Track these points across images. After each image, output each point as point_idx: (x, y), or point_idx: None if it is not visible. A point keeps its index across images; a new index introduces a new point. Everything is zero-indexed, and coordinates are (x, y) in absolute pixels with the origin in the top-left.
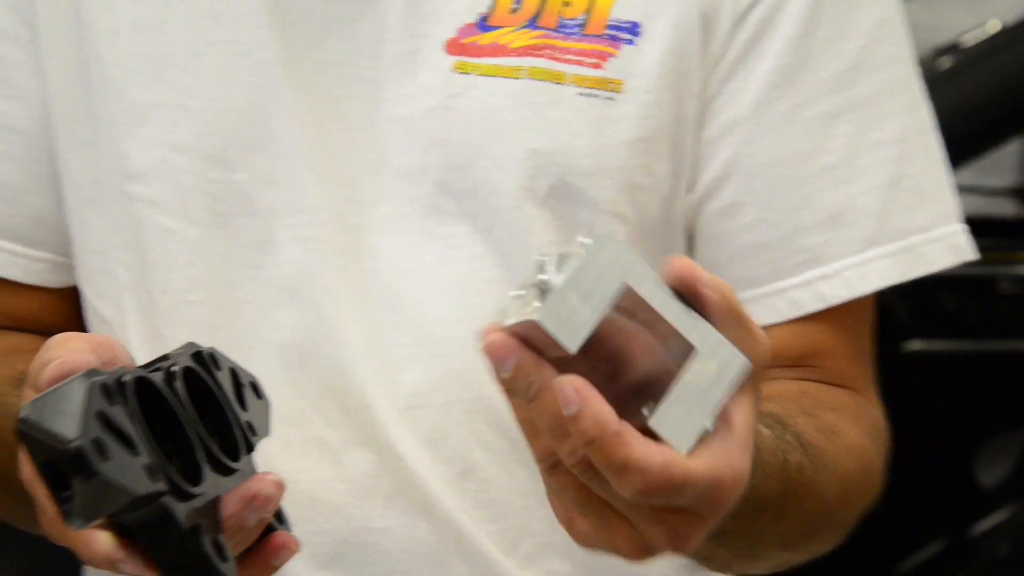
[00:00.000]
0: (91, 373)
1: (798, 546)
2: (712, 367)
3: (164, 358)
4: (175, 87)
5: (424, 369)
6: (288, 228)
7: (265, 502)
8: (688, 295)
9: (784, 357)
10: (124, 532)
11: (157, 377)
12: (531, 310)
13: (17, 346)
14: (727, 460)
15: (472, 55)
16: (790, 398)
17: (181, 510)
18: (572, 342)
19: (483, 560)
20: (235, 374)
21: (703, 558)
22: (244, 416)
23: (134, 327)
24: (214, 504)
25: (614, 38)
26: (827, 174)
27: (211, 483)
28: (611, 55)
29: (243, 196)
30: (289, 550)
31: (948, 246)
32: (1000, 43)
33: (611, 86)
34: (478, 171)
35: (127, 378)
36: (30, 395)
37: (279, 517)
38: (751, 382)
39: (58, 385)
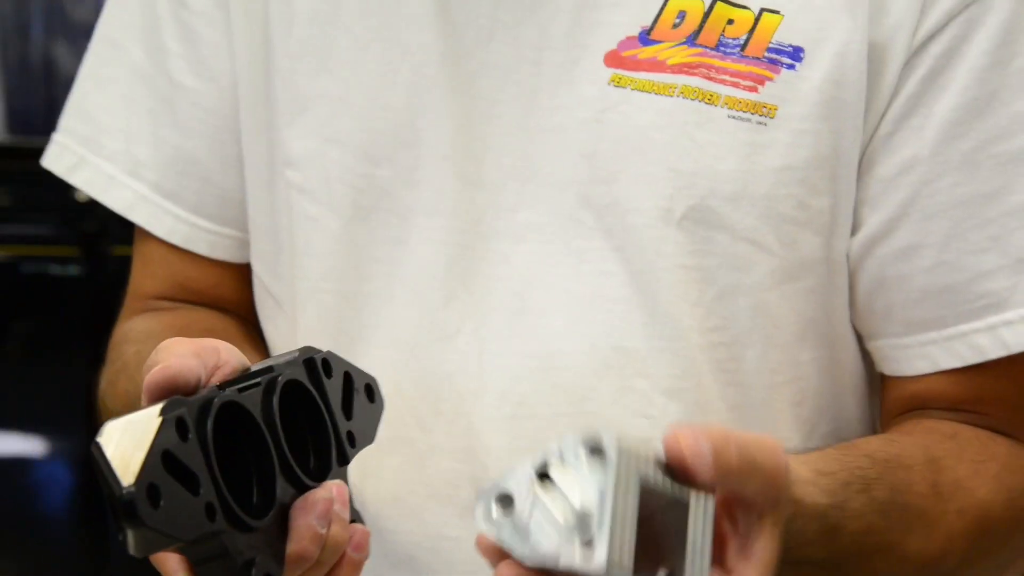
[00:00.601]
0: (175, 403)
1: None
2: (699, 517)
3: (270, 368)
4: (338, 80)
5: (537, 380)
6: (422, 228)
7: (327, 507)
8: (677, 468)
9: (945, 400)
10: (189, 559)
11: (251, 397)
12: (594, 567)
13: (191, 322)
14: None
15: (630, 68)
16: (926, 441)
17: (239, 543)
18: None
19: None
20: (348, 378)
21: None
22: (346, 426)
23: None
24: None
25: (774, 62)
26: (1015, 215)
27: (287, 495)
28: (769, 79)
29: (385, 192)
30: (367, 535)
31: None
32: None
33: (765, 111)
34: (619, 187)
35: (217, 401)
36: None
37: (356, 517)
38: (771, 509)
39: (137, 414)
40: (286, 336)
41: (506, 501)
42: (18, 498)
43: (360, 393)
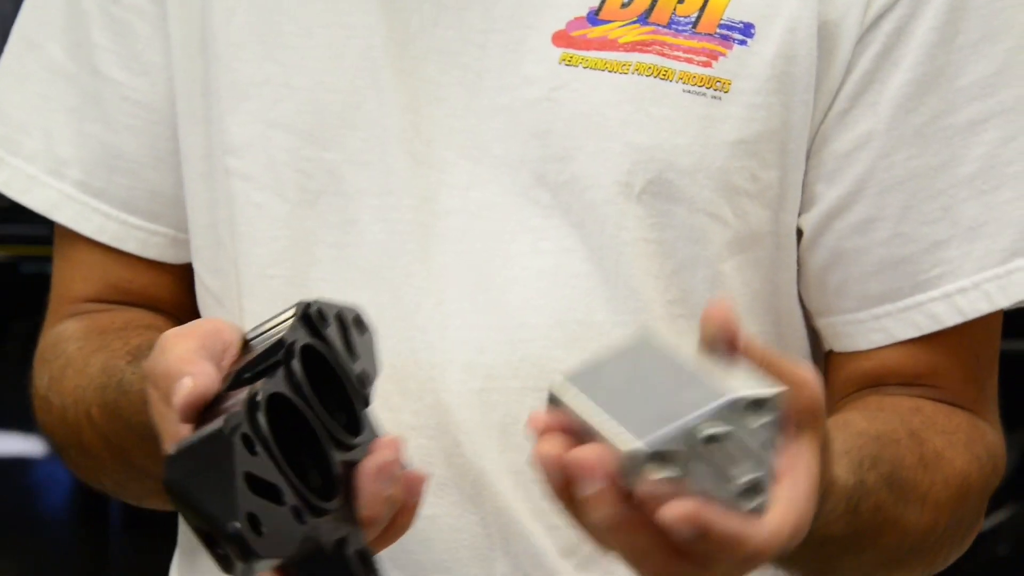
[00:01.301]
0: (231, 419)
1: (880, 574)
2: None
3: (274, 327)
4: (282, 65)
5: (503, 352)
6: (373, 209)
7: (391, 468)
8: (724, 342)
9: (900, 375)
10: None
11: (277, 377)
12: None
13: (129, 320)
14: (794, 512)
15: (580, 48)
16: (900, 416)
17: (323, 529)
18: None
19: (532, 558)
20: (341, 320)
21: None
22: (356, 368)
23: (236, 302)
24: (347, 480)
25: (726, 38)
26: (967, 185)
27: (339, 463)
28: (722, 55)
29: (333, 175)
30: (421, 480)
31: None
32: None
33: (719, 85)
34: (575, 164)
35: (260, 397)
36: (153, 395)
37: None
38: (812, 424)
39: (199, 438)
40: None
41: (660, 458)
42: (18, 498)
43: (352, 328)
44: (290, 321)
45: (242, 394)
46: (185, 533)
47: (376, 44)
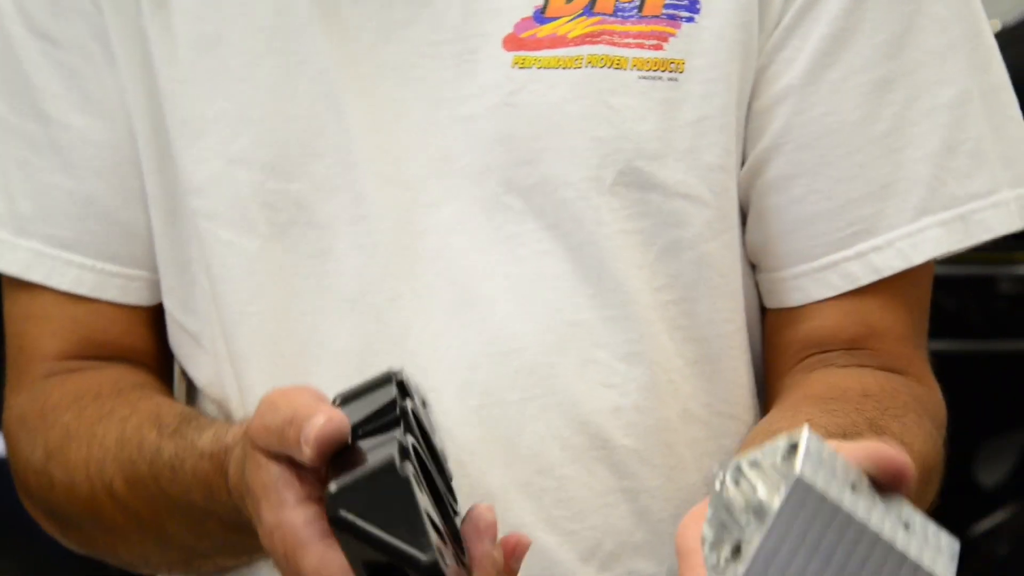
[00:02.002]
0: (403, 454)
1: None
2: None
3: (366, 392)
4: (233, 100)
5: (497, 366)
6: (348, 236)
7: (494, 531)
8: (892, 483)
9: (840, 339)
10: None
11: (406, 437)
12: None
13: (118, 381)
14: None
15: (531, 49)
16: (854, 405)
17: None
18: None
19: (551, 568)
20: (421, 394)
21: None
22: (438, 443)
23: (218, 341)
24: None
25: (673, 17)
26: (878, 143)
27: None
28: (671, 35)
29: (301, 206)
30: (524, 545)
31: (1008, 211)
32: (1000, 43)
33: (673, 67)
34: (543, 165)
35: (408, 444)
36: (257, 458)
37: None
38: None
39: (367, 473)
40: (211, 372)
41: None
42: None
43: (428, 406)
44: (386, 387)
45: (371, 445)
46: None
47: (328, 68)
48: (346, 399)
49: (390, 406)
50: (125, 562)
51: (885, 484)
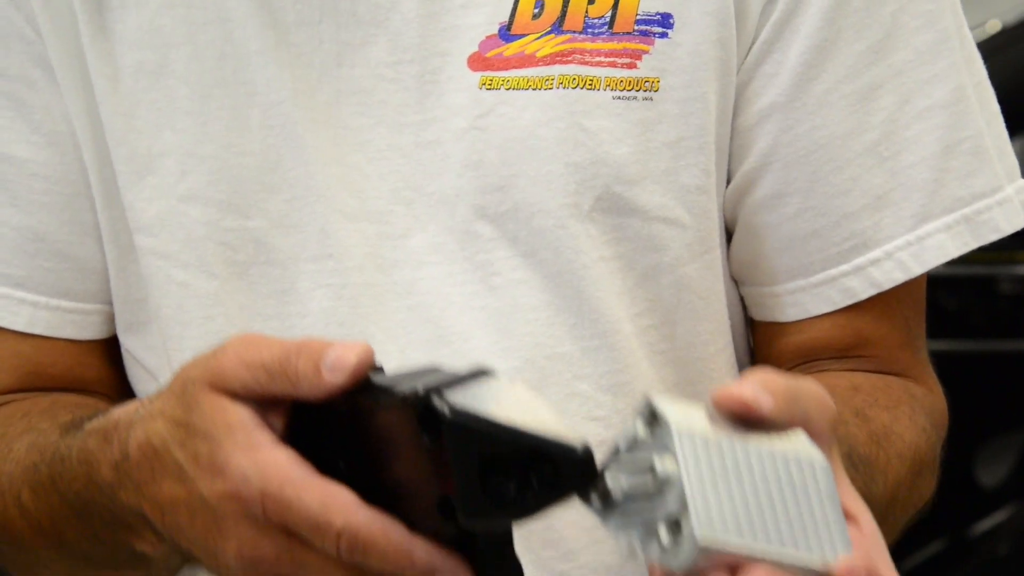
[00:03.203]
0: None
1: None
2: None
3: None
4: (181, 133)
5: None
6: (311, 275)
7: None
8: (751, 419)
9: (833, 348)
10: (457, 543)
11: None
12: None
13: (55, 400)
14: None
15: (498, 68)
16: (840, 397)
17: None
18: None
19: None
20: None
21: None
22: None
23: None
24: None
25: (645, 33)
26: (870, 153)
27: None
28: (644, 52)
29: (260, 244)
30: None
31: (1013, 208)
32: (1000, 43)
33: (648, 85)
34: (517, 191)
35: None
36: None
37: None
38: (833, 438)
39: (454, 376)
40: None
41: (608, 502)
42: None
43: None
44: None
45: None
46: None
47: (283, 98)
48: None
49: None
50: None
51: (742, 418)
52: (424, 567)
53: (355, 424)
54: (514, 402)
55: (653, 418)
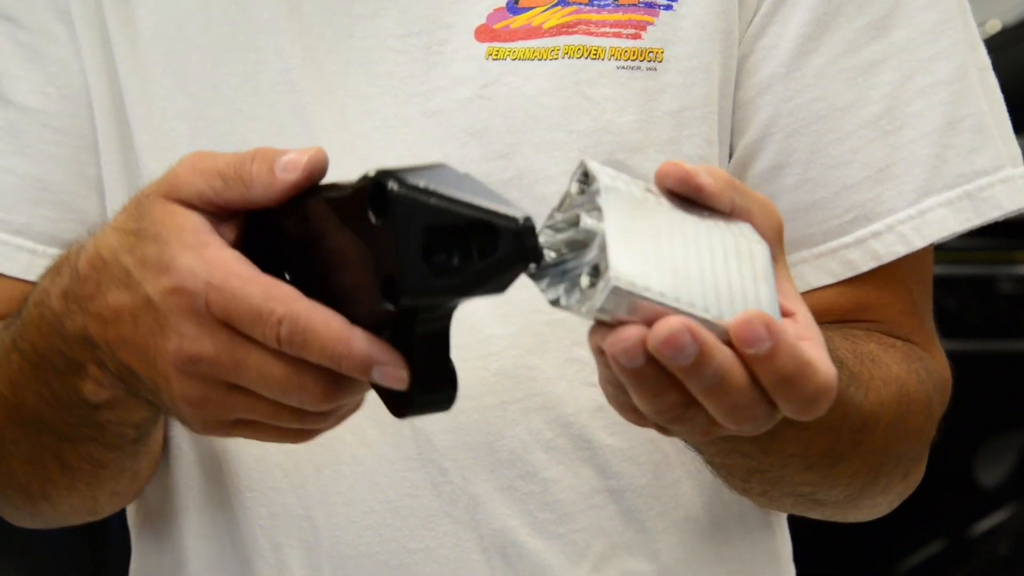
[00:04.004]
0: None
1: (822, 468)
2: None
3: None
4: (194, 98)
5: (475, 369)
6: None
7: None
8: (688, 192)
9: (834, 314)
10: (395, 342)
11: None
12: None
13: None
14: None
15: (504, 40)
16: (836, 335)
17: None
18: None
19: (538, 572)
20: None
21: (722, 465)
22: None
23: None
24: None
25: (650, 5)
26: (872, 126)
27: None
28: (649, 23)
29: None
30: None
31: (1017, 187)
32: (1000, 43)
33: (652, 56)
34: (520, 159)
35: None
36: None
37: None
38: (780, 248)
39: (410, 166)
40: None
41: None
42: None
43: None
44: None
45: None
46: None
47: (293, 66)
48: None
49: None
50: (28, 493)
51: (684, 195)
52: (362, 355)
53: (302, 231)
54: (463, 185)
55: (586, 179)
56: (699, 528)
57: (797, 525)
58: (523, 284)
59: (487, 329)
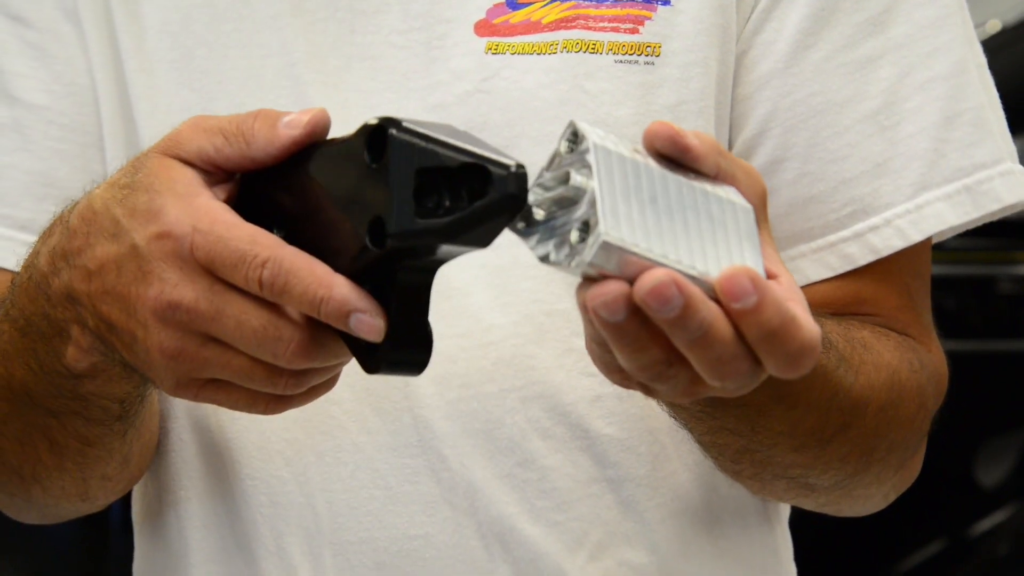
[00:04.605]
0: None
1: (811, 449)
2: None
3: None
4: (199, 92)
5: (475, 358)
6: None
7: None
8: (675, 153)
9: (831, 307)
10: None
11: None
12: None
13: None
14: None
15: (504, 34)
16: (829, 321)
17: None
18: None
19: (536, 560)
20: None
21: (712, 444)
22: None
23: None
24: None
25: (649, 0)
26: (870, 120)
27: None
28: (647, 18)
29: None
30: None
31: (1017, 180)
32: (1000, 43)
33: (649, 50)
34: (519, 152)
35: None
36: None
37: None
38: (763, 213)
39: (426, 122)
40: None
41: (529, 219)
42: None
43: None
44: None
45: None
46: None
47: (297, 60)
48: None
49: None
50: (20, 474)
51: (669, 155)
52: (342, 299)
53: (295, 193)
54: (464, 138)
55: (575, 139)
56: (697, 520)
57: (797, 524)
58: (524, 275)
59: (488, 318)
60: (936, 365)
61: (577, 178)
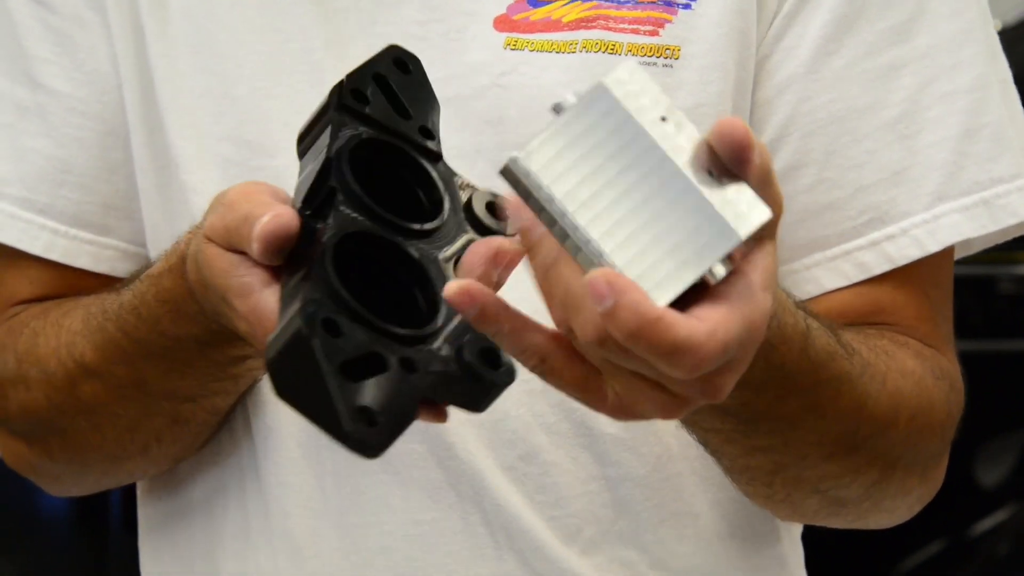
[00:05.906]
0: (307, 308)
1: (841, 458)
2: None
3: (317, 126)
4: (219, 76)
5: None
6: None
7: (504, 256)
8: (729, 156)
9: (848, 316)
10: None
11: (345, 220)
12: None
13: (92, 291)
14: (752, 303)
15: (523, 31)
16: (846, 331)
17: (438, 354)
18: None
19: (537, 551)
20: (380, 78)
21: (746, 468)
22: (414, 124)
23: None
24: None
25: (670, 3)
26: (890, 129)
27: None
28: (668, 21)
29: (286, 184)
30: (507, 253)
31: None
32: (1000, 43)
33: (668, 53)
34: None
35: (327, 255)
36: (211, 252)
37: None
38: (769, 231)
39: (285, 341)
40: None
41: None
42: (18, 498)
43: (394, 75)
44: (328, 129)
45: (314, 243)
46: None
47: (316, 47)
48: (304, 150)
49: (325, 167)
50: (113, 457)
51: (726, 157)
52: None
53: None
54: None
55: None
56: (699, 524)
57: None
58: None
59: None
60: (955, 374)
61: (561, 100)
